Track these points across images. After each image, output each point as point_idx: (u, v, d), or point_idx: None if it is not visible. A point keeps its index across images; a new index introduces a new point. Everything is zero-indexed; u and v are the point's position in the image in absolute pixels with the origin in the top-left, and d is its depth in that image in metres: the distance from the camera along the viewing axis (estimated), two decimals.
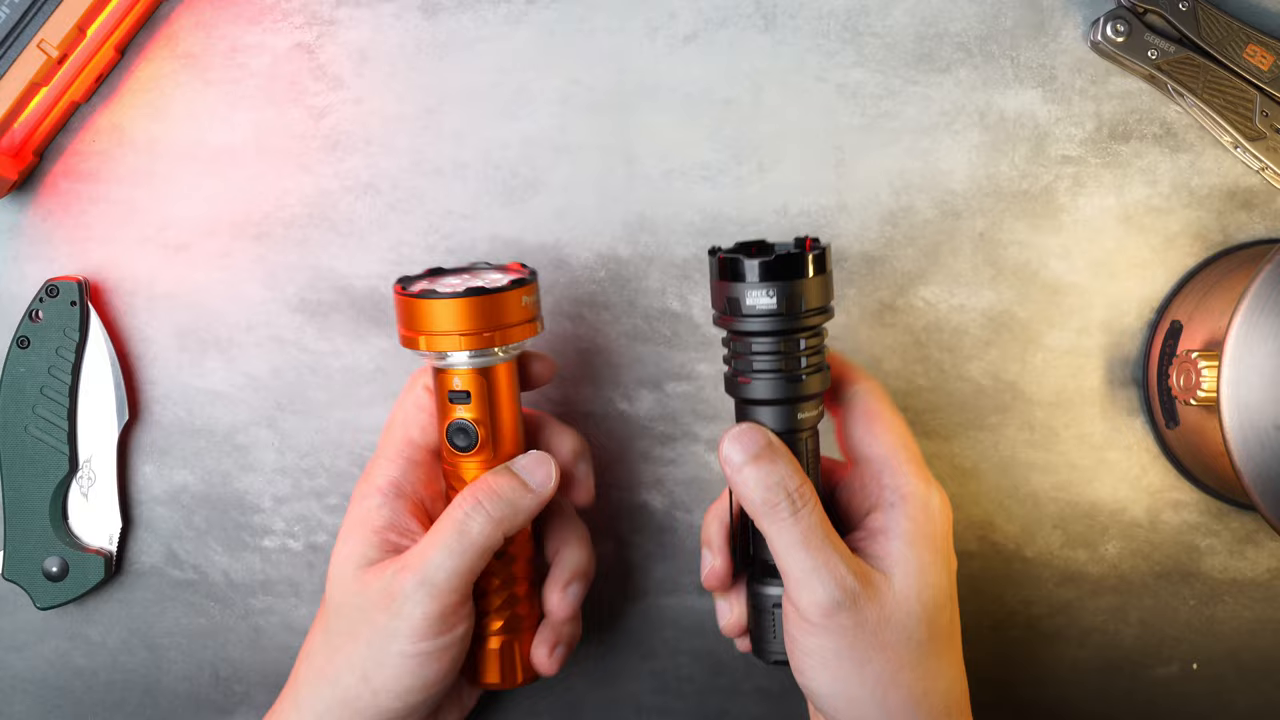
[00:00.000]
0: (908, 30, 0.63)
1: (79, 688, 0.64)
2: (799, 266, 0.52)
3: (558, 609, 0.56)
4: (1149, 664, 0.65)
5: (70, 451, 0.62)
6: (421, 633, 0.52)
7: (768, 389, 0.53)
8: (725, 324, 0.53)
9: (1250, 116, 0.62)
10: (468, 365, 0.54)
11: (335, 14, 0.63)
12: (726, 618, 0.56)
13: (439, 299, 0.53)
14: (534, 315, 0.55)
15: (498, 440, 0.55)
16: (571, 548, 0.57)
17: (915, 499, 0.52)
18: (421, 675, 0.52)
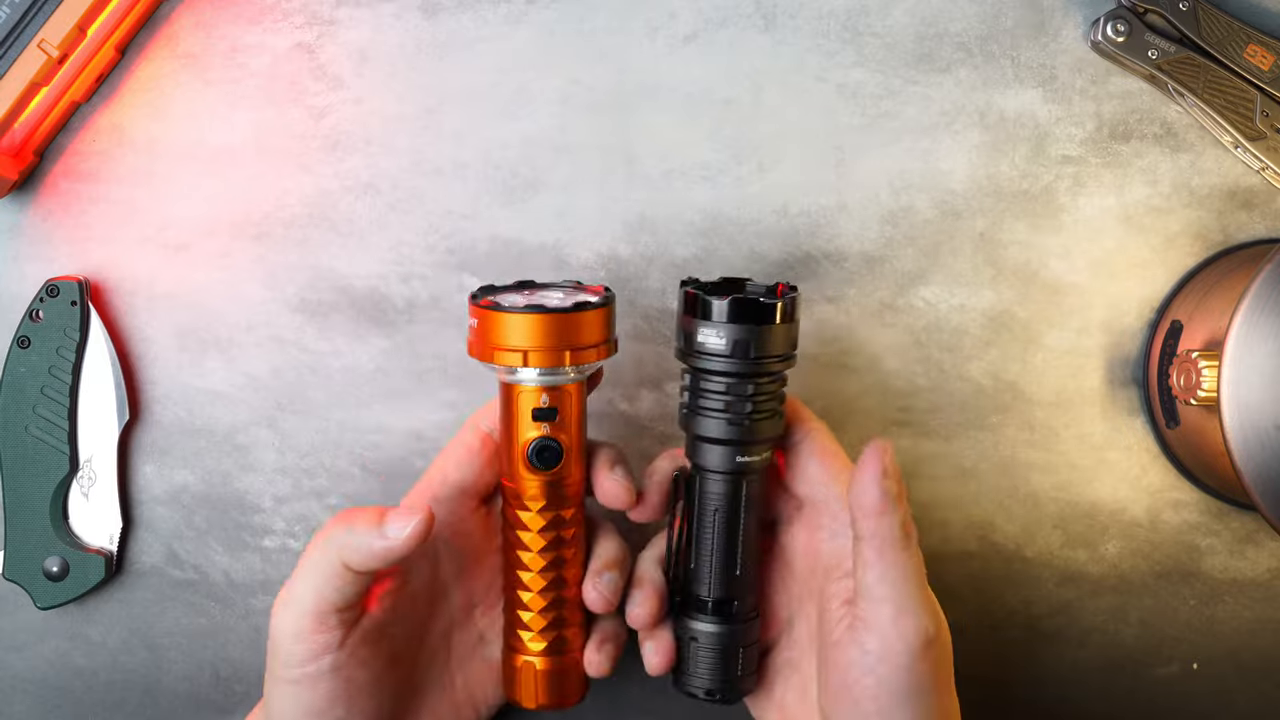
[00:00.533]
0: (908, 30, 0.63)
1: (79, 688, 0.64)
2: (759, 313, 0.51)
3: (594, 601, 0.55)
4: (1149, 664, 0.65)
5: (70, 451, 0.62)
6: (287, 658, 0.50)
7: (712, 428, 0.53)
8: (682, 357, 0.53)
9: (1250, 116, 0.62)
10: (554, 382, 0.53)
11: (335, 14, 0.63)
12: (661, 655, 0.55)
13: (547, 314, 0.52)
14: (614, 334, 0.55)
15: (575, 456, 0.54)
16: (603, 542, 0.56)
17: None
18: (301, 702, 0.50)
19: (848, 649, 0.50)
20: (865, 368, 0.64)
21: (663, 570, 0.55)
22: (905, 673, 0.49)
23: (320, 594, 0.50)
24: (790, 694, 0.56)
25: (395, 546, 0.49)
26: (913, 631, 0.49)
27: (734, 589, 0.55)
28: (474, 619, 0.58)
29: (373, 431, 0.64)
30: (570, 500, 0.55)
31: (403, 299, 0.64)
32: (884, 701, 0.49)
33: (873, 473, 0.49)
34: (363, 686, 0.52)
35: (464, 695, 0.58)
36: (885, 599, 0.49)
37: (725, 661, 0.55)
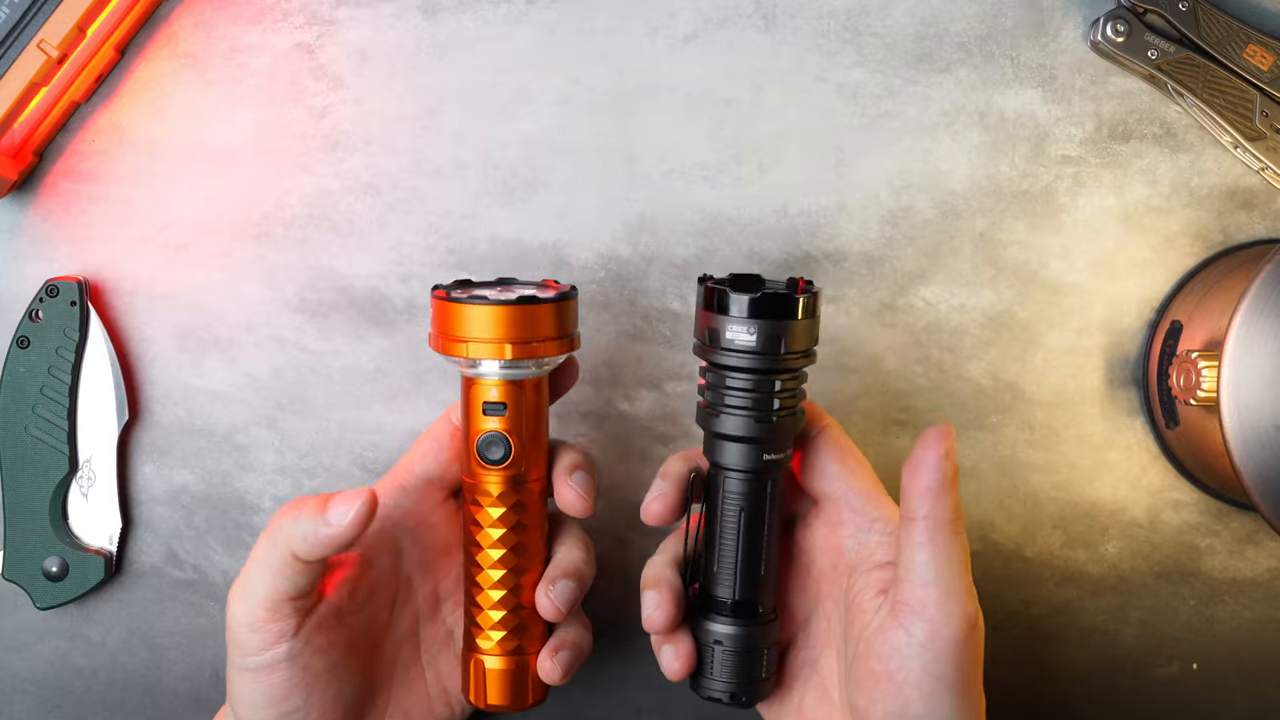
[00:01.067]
0: (908, 30, 0.63)
1: (79, 688, 0.64)
2: (785, 307, 0.51)
3: (544, 609, 0.55)
4: (1149, 664, 0.65)
5: (70, 451, 0.62)
6: (243, 646, 0.51)
7: (737, 426, 0.52)
8: (704, 354, 0.53)
9: (1250, 116, 0.62)
10: (506, 376, 0.53)
11: (335, 14, 0.63)
12: (682, 660, 0.54)
13: (489, 305, 0.52)
14: (573, 330, 0.55)
15: (527, 453, 0.54)
16: (565, 548, 0.56)
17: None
18: (259, 690, 0.51)
19: (890, 635, 0.49)
20: (865, 368, 0.64)
21: (679, 573, 0.55)
22: (950, 658, 0.49)
23: (272, 584, 0.50)
24: (809, 695, 0.55)
25: (338, 533, 0.49)
26: (959, 616, 0.49)
27: (758, 590, 0.54)
28: (442, 614, 0.58)
29: (373, 431, 0.64)
30: (528, 500, 0.55)
31: (403, 299, 0.64)
32: (927, 687, 0.49)
33: (936, 454, 0.49)
34: (320, 674, 0.52)
35: (436, 690, 0.57)
36: (933, 583, 0.49)
37: (750, 664, 0.54)
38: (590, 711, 0.64)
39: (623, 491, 0.64)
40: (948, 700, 0.49)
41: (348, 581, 0.54)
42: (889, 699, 0.49)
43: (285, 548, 0.50)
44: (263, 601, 0.50)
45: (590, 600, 0.64)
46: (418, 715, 0.57)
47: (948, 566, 0.49)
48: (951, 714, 0.49)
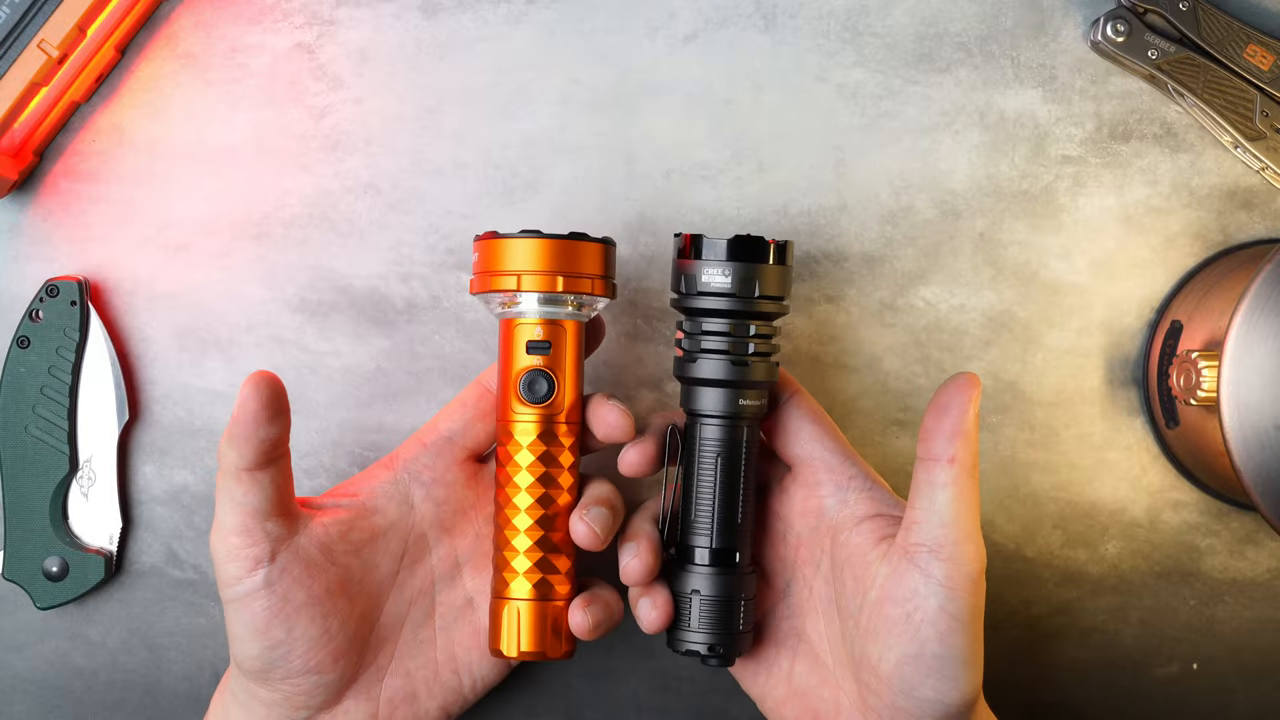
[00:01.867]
0: (908, 30, 0.63)
1: (79, 688, 0.64)
2: (757, 251, 0.53)
3: (582, 535, 0.54)
4: (1149, 664, 0.65)
5: (70, 451, 0.62)
6: (223, 577, 0.52)
7: (713, 369, 0.53)
8: (678, 303, 0.54)
9: (1250, 116, 0.62)
10: (550, 314, 0.54)
11: (335, 14, 0.63)
12: (660, 609, 0.54)
13: (545, 238, 0.53)
14: (613, 277, 0.56)
15: (566, 395, 0.55)
16: (593, 485, 0.56)
17: (884, 489, 0.55)
18: (242, 620, 0.52)
19: (906, 577, 0.50)
20: (865, 368, 0.64)
21: (656, 528, 0.55)
22: (967, 597, 0.50)
23: (232, 508, 0.52)
24: (799, 663, 0.56)
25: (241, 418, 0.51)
26: (975, 557, 0.50)
27: (735, 538, 0.54)
28: (461, 579, 0.58)
29: (373, 431, 0.64)
30: (563, 443, 0.55)
31: (403, 299, 0.64)
32: (944, 626, 0.50)
33: (966, 397, 0.50)
34: (301, 607, 0.53)
35: (445, 656, 0.57)
36: (953, 523, 0.50)
37: (728, 615, 0.54)
38: (591, 710, 0.64)
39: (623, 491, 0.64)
40: (962, 641, 0.50)
41: (341, 521, 0.55)
42: (904, 641, 0.50)
43: (226, 464, 0.52)
44: (233, 527, 0.52)
45: None
46: (422, 679, 0.57)
47: (967, 509, 0.50)
48: (964, 655, 0.50)
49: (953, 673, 0.50)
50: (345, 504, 0.56)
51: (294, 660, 0.53)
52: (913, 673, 0.50)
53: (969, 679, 0.50)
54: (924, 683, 0.50)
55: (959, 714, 0.51)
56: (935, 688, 0.50)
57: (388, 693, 0.56)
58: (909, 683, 0.50)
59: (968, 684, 0.50)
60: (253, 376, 0.51)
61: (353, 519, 0.55)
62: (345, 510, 0.55)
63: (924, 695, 0.50)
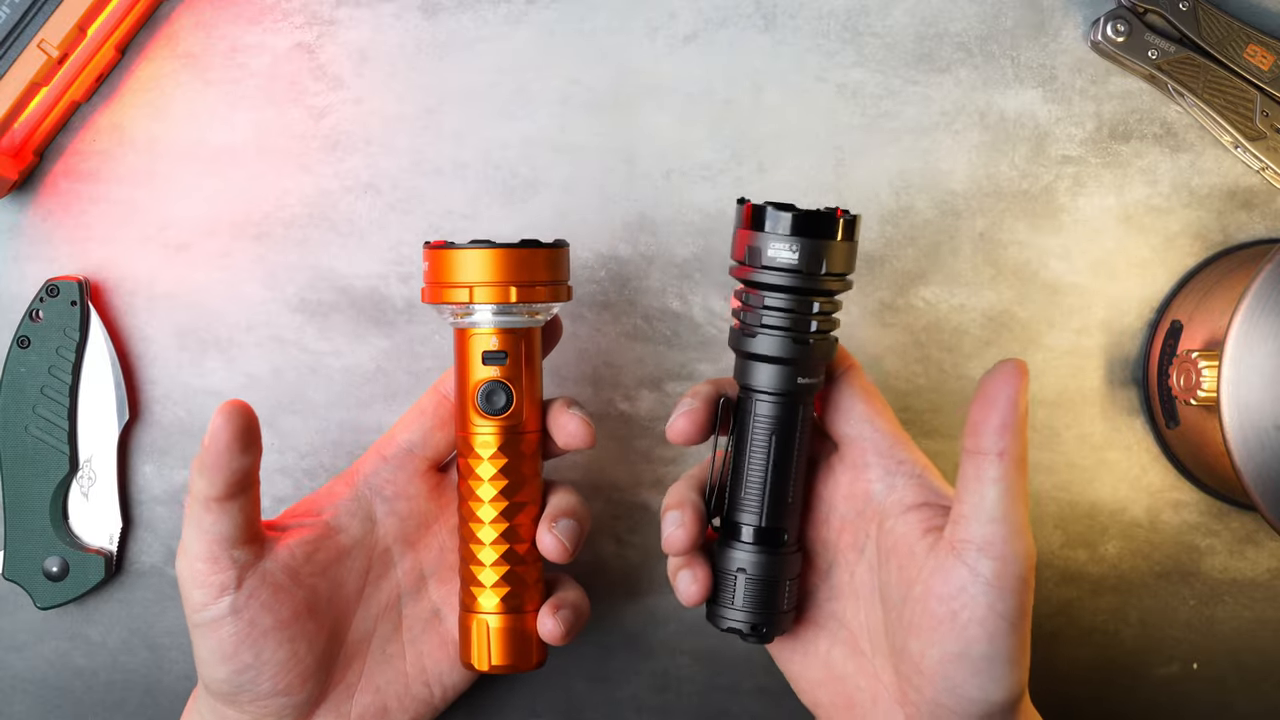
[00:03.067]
0: (908, 30, 0.63)
1: (79, 688, 0.64)
2: (827, 226, 0.51)
3: (549, 547, 0.54)
4: (1149, 664, 0.65)
5: (70, 451, 0.62)
6: (190, 603, 0.52)
7: (773, 346, 0.52)
8: (742, 274, 0.52)
9: (1250, 116, 0.62)
10: (505, 324, 0.53)
11: (335, 14, 0.63)
12: (698, 584, 0.53)
13: (495, 249, 0.52)
14: (567, 280, 0.55)
15: (525, 404, 0.54)
16: (558, 495, 0.56)
17: (934, 476, 0.53)
18: (209, 645, 0.52)
19: (953, 574, 0.48)
20: (865, 367, 0.64)
21: (702, 496, 0.54)
22: (1017, 596, 0.48)
23: (199, 535, 0.51)
24: (837, 648, 0.54)
25: (212, 449, 0.50)
26: (1025, 554, 0.48)
27: (785, 517, 0.53)
28: (427, 590, 0.58)
29: (373, 431, 0.64)
30: (525, 453, 0.54)
31: (403, 299, 0.64)
32: (992, 626, 0.48)
33: (1014, 388, 0.48)
34: (268, 631, 0.52)
35: (415, 670, 0.57)
36: (1003, 519, 0.48)
37: (772, 594, 0.53)
38: (591, 710, 0.64)
39: (623, 492, 0.64)
40: (1011, 641, 0.48)
41: (306, 543, 0.54)
42: (949, 640, 0.48)
43: (196, 492, 0.51)
44: (199, 554, 0.51)
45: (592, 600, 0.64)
46: (392, 693, 0.56)
47: (1016, 504, 0.48)
48: (1011, 655, 0.48)
49: (999, 672, 0.48)
50: (309, 524, 0.55)
51: (262, 684, 0.53)
52: (957, 671, 0.48)
53: (1015, 678, 0.49)
54: (969, 681, 0.48)
55: (1003, 713, 0.49)
56: (980, 687, 0.48)
57: (358, 709, 0.56)
58: (953, 681, 0.49)
59: (1014, 683, 0.49)
60: (225, 406, 0.50)
61: (317, 539, 0.55)
62: (309, 530, 0.55)
63: (968, 694, 0.49)
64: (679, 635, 0.64)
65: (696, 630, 0.64)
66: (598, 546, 0.64)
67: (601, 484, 0.64)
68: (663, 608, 0.64)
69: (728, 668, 0.64)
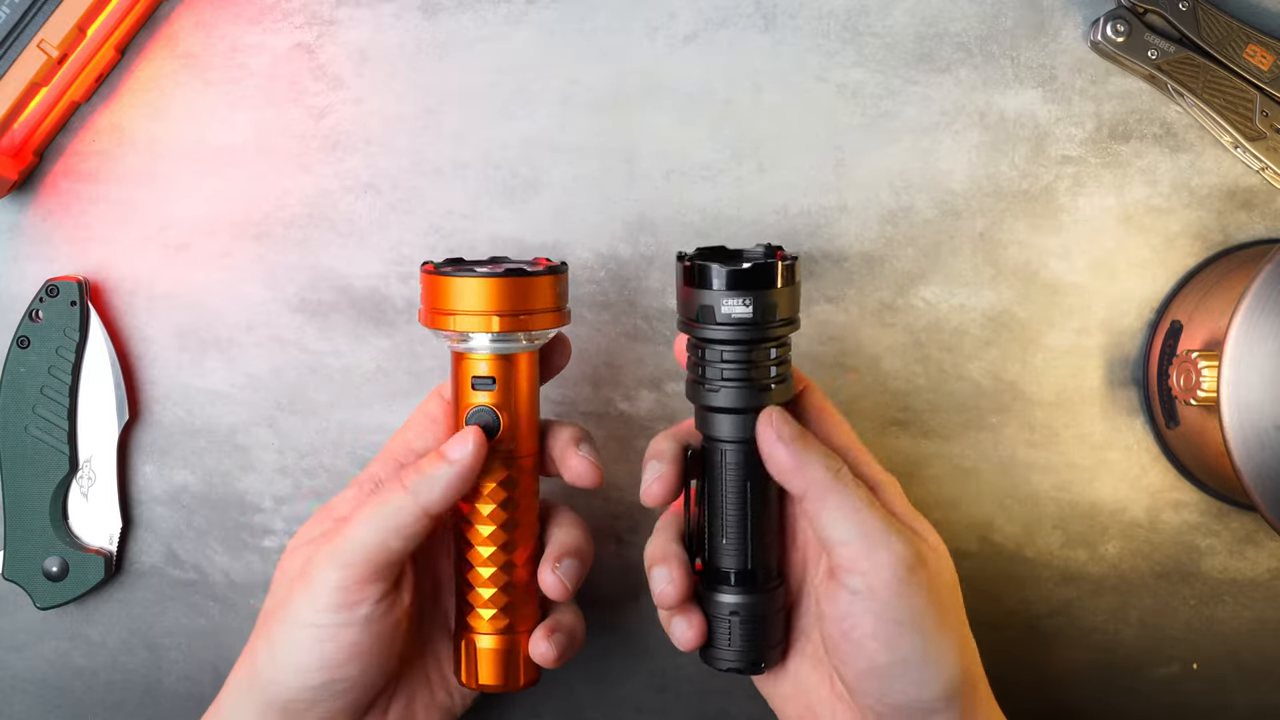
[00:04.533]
0: (908, 30, 0.63)
1: (79, 688, 0.64)
2: (772, 276, 0.52)
3: (551, 587, 0.54)
4: (1149, 664, 0.65)
5: (70, 451, 0.62)
6: (324, 603, 0.51)
7: (734, 398, 0.52)
8: (693, 330, 0.53)
9: (1250, 116, 0.62)
10: (495, 350, 0.53)
11: (335, 14, 0.63)
12: (693, 630, 0.54)
13: (477, 278, 0.52)
14: (563, 305, 0.55)
15: (517, 428, 0.54)
16: (564, 529, 0.56)
17: (891, 484, 0.54)
18: (321, 651, 0.51)
19: (837, 596, 0.50)
20: (865, 368, 0.64)
21: (683, 546, 0.55)
22: (899, 599, 0.49)
23: (385, 543, 0.51)
24: (804, 664, 0.55)
25: (463, 467, 0.51)
26: (889, 561, 0.49)
27: (767, 557, 0.54)
28: (440, 599, 0.58)
29: (373, 431, 0.64)
30: (519, 477, 0.54)
31: (403, 299, 0.64)
32: (884, 632, 0.49)
33: (770, 436, 0.51)
34: (375, 647, 0.52)
35: (438, 677, 0.57)
36: (848, 540, 0.50)
37: (765, 631, 0.54)
38: (591, 710, 0.64)
39: (623, 492, 0.64)
40: (913, 641, 0.49)
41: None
42: (854, 658, 0.50)
43: (414, 503, 0.51)
44: (367, 560, 0.51)
45: (593, 600, 0.64)
46: (420, 701, 0.57)
47: (852, 518, 0.50)
48: (922, 654, 0.49)
49: (915, 675, 0.49)
50: None
51: (344, 696, 0.52)
52: (874, 683, 0.50)
53: (936, 675, 0.50)
54: (889, 689, 0.50)
55: (941, 709, 0.50)
56: (903, 691, 0.50)
57: (392, 718, 0.56)
58: (875, 692, 0.50)
59: (936, 681, 0.50)
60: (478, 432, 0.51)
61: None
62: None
63: (894, 700, 0.50)
64: None
65: None
66: (597, 546, 0.64)
67: None
68: None
69: None
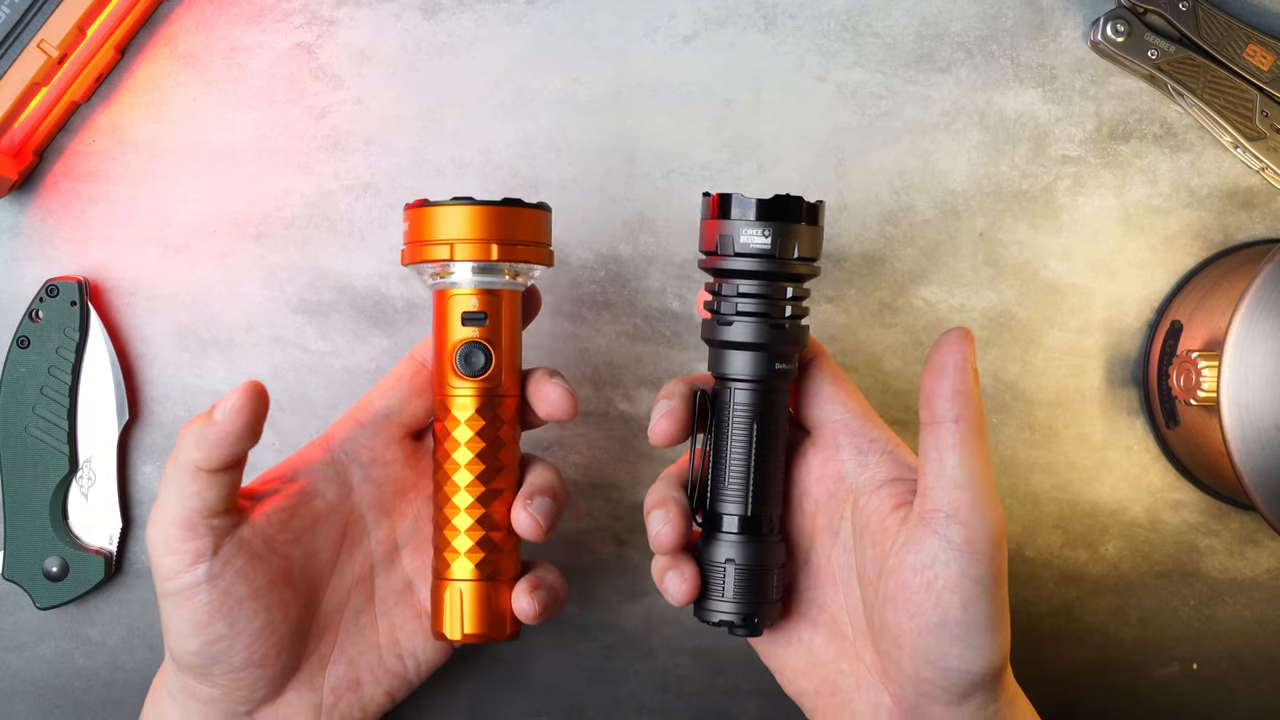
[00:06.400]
0: (908, 30, 0.63)
1: (79, 688, 0.64)
2: (795, 211, 0.51)
3: (524, 524, 0.53)
4: (1149, 664, 0.65)
5: (70, 451, 0.62)
6: (161, 570, 0.51)
7: (750, 332, 0.52)
8: (712, 264, 0.52)
9: (1250, 116, 0.62)
10: (485, 284, 0.53)
11: (335, 14, 0.63)
12: (687, 582, 0.52)
13: (476, 205, 0.52)
14: (549, 244, 0.55)
15: (504, 366, 0.53)
16: (537, 470, 0.55)
17: (905, 453, 0.53)
18: (181, 615, 0.51)
19: (924, 543, 0.48)
20: (865, 368, 0.64)
21: (685, 493, 0.53)
22: (988, 560, 0.48)
23: (180, 501, 0.50)
24: (819, 634, 0.54)
25: (225, 428, 0.49)
26: (993, 519, 0.48)
27: (769, 505, 0.53)
28: (399, 561, 0.57)
29: None
30: (503, 418, 0.54)
31: (403, 299, 0.64)
32: (966, 592, 0.48)
33: (962, 355, 0.49)
34: (243, 601, 0.51)
35: (388, 641, 0.56)
36: (968, 485, 0.48)
37: (761, 583, 0.53)
38: (591, 710, 0.64)
39: (623, 491, 0.64)
40: (987, 606, 0.48)
41: (281, 510, 0.53)
42: (926, 610, 0.48)
43: (185, 459, 0.50)
44: (175, 520, 0.50)
45: (593, 600, 0.64)
46: (365, 665, 0.56)
47: (980, 469, 0.48)
48: (989, 621, 0.48)
49: (978, 640, 0.48)
50: (284, 490, 0.54)
51: (236, 655, 0.52)
52: (936, 642, 0.48)
53: (995, 646, 0.49)
54: (949, 652, 0.48)
55: (985, 683, 0.49)
56: (960, 656, 0.48)
57: (331, 681, 0.55)
58: (933, 652, 0.49)
59: (994, 651, 0.49)
60: (249, 388, 0.50)
61: (293, 505, 0.54)
62: (285, 496, 0.54)
63: (949, 664, 0.49)
64: (679, 635, 0.64)
65: (696, 630, 0.64)
66: (598, 546, 0.64)
67: (601, 484, 0.64)
68: (663, 608, 0.64)
69: (728, 668, 0.64)
